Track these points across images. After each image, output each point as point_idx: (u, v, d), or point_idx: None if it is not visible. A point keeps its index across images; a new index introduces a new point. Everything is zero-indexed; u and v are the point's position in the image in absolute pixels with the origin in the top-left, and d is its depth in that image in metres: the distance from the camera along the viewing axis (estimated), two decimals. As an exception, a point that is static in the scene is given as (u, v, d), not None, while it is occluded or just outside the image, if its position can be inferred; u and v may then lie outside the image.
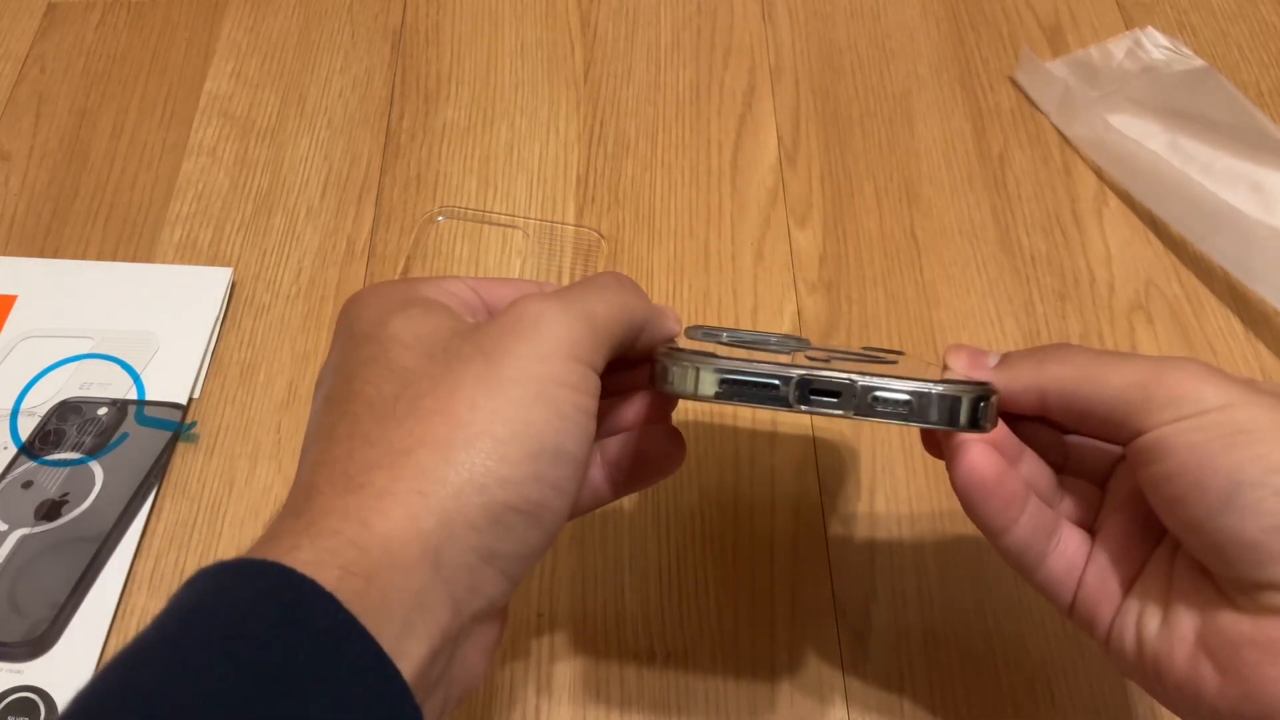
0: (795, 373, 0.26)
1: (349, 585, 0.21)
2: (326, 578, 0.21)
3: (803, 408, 0.26)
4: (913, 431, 0.43)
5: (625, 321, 0.28)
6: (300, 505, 0.24)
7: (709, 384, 0.27)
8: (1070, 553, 0.31)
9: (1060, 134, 0.54)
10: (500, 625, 0.27)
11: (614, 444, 0.31)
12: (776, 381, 0.26)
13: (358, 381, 0.26)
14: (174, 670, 0.20)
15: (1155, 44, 0.54)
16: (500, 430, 0.24)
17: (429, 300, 0.27)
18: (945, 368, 0.32)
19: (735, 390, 0.27)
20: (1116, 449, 0.31)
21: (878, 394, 0.26)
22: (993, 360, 0.31)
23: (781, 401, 0.26)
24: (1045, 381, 0.29)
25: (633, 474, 0.31)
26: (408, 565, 0.22)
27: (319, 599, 0.21)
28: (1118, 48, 0.55)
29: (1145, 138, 0.51)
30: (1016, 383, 0.30)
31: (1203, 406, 0.26)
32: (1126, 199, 0.51)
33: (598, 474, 0.31)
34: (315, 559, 0.22)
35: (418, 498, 0.23)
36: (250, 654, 0.20)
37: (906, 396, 0.26)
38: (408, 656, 0.22)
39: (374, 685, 0.21)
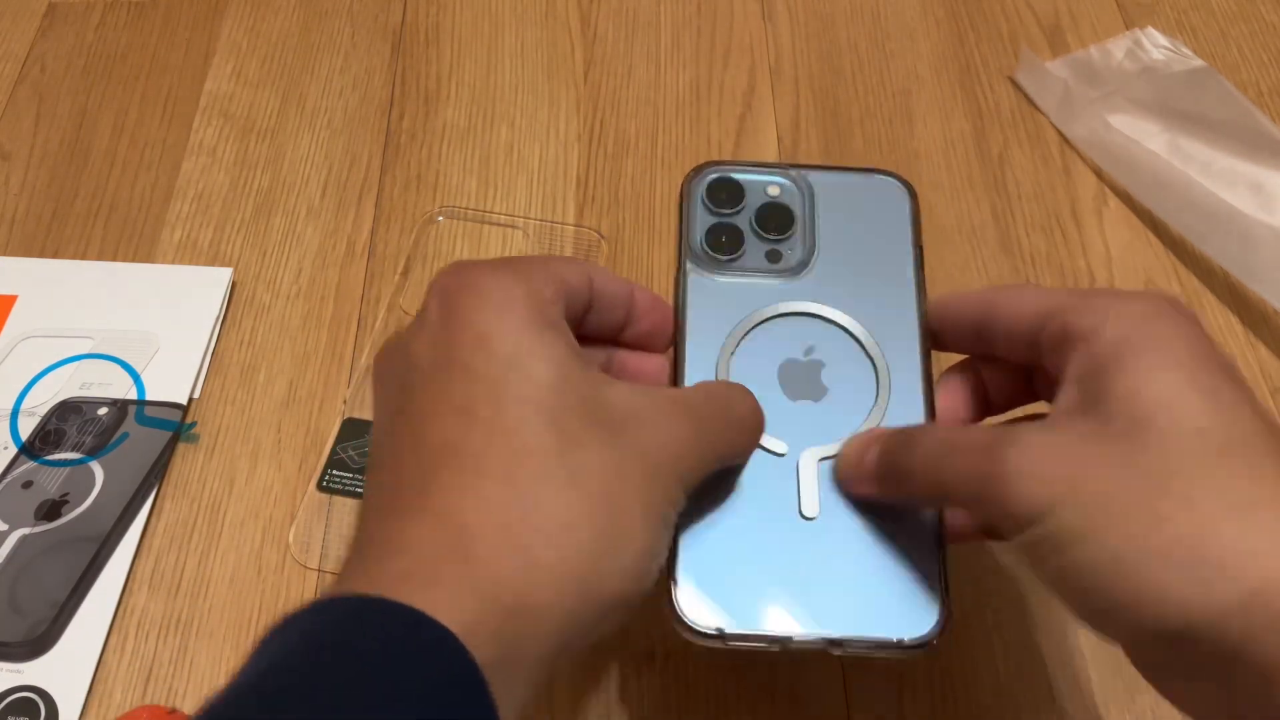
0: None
1: (497, 655, 0.22)
2: (482, 643, 0.22)
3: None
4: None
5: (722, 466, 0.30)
6: (457, 545, 0.24)
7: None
8: None
9: (1060, 134, 0.54)
10: None
11: None
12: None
13: (510, 417, 0.25)
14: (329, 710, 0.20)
15: (1155, 44, 0.54)
16: (639, 533, 0.25)
17: (559, 331, 0.27)
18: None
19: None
20: None
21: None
22: (871, 458, 0.30)
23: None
24: (911, 493, 0.29)
25: None
26: (547, 637, 0.24)
27: (472, 680, 0.22)
28: (1118, 48, 0.55)
29: (1145, 138, 0.51)
30: (893, 498, 0.30)
31: (1028, 518, 0.24)
32: (1126, 199, 0.51)
33: None
34: (476, 621, 0.22)
35: (570, 579, 0.24)
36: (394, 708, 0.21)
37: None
38: (514, 708, 0.23)
39: None
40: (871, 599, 0.30)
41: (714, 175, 0.36)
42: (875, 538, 0.31)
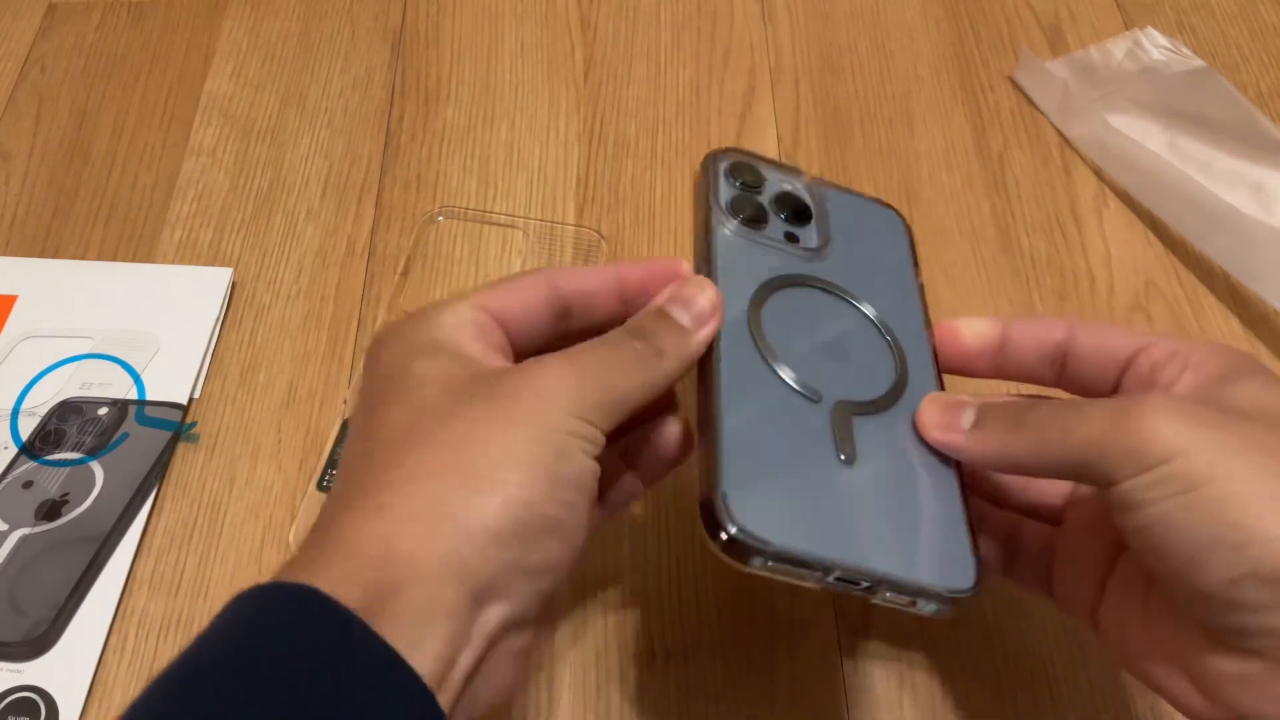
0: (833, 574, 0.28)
1: (370, 598, 0.24)
2: (350, 594, 0.24)
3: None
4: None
5: (638, 398, 0.30)
6: (328, 524, 0.26)
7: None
8: (1035, 547, 0.33)
9: (1060, 134, 0.54)
10: (534, 634, 0.28)
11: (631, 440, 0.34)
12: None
13: (379, 414, 0.28)
14: (217, 683, 0.23)
15: (1155, 44, 0.54)
16: (512, 460, 0.26)
17: (449, 345, 0.29)
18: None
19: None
20: None
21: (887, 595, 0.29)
22: (968, 419, 0.30)
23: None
24: (1016, 450, 0.29)
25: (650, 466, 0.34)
26: (430, 578, 0.25)
27: (339, 614, 0.24)
28: (1118, 48, 0.55)
29: (1145, 138, 0.51)
30: (989, 451, 0.30)
31: (1158, 457, 0.25)
32: (1126, 199, 0.51)
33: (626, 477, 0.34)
34: (343, 576, 0.25)
35: (439, 519, 0.25)
36: (285, 668, 0.23)
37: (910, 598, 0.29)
38: (426, 656, 0.24)
39: (386, 676, 0.23)
40: (912, 545, 0.29)
41: (736, 159, 0.36)
42: (909, 490, 0.30)
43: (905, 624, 0.39)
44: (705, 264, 0.33)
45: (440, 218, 0.51)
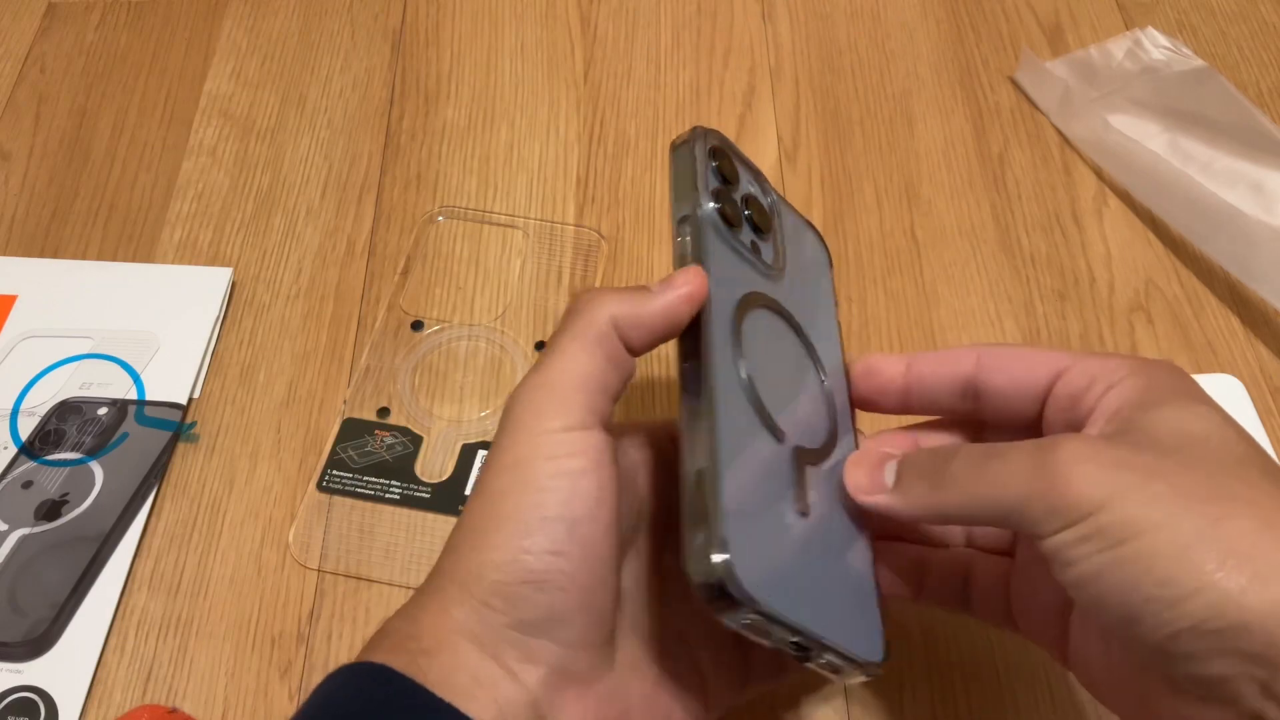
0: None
1: (412, 667, 0.27)
2: (397, 663, 0.27)
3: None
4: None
5: (601, 377, 0.29)
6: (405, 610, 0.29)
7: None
8: (990, 581, 0.32)
9: (1060, 134, 0.54)
10: (609, 684, 0.29)
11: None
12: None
13: None
14: None
15: (1155, 44, 0.54)
16: (484, 524, 0.28)
17: (547, 435, 0.30)
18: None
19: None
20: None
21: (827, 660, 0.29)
22: (890, 476, 0.30)
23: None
24: (941, 507, 0.28)
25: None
26: (452, 648, 0.27)
27: (395, 678, 0.27)
28: (1118, 48, 0.55)
29: (1145, 138, 0.51)
30: (916, 509, 0.29)
31: (1082, 511, 0.24)
32: (1126, 199, 0.51)
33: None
34: (392, 648, 0.28)
35: (443, 595, 0.28)
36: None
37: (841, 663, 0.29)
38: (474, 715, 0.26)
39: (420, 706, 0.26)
40: (847, 613, 0.29)
41: (718, 144, 0.33)
42: (840, 553, 0.30)
43: (905, 625, 0.39)
44: (699, 260, 0.30)
45: (440, 218, 0.51)
